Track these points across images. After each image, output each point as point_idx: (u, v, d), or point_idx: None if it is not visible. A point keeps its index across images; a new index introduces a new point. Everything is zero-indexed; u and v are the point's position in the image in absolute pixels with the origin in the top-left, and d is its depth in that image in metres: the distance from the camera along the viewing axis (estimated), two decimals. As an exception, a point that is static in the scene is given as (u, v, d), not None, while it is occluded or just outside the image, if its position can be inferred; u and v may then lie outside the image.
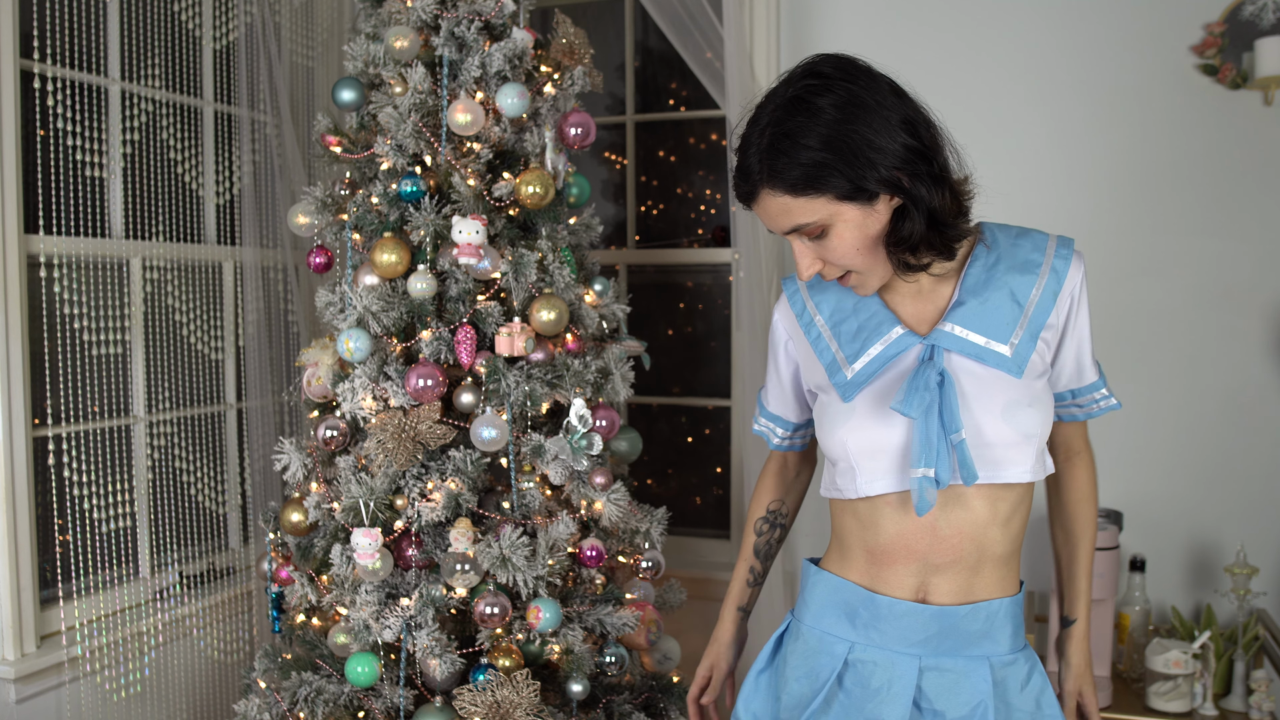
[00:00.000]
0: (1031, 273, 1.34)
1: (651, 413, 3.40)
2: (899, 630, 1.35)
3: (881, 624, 1.36)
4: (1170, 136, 2.52)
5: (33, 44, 2.20)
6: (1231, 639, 2.34)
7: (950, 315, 1.32)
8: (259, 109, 2.74)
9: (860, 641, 1.37)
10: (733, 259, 2.76)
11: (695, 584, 2.86)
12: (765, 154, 1.22)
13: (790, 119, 1.21)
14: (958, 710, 1.33)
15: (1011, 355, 1.30)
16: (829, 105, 1.20)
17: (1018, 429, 1.29)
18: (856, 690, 1.36)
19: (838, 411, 1.36)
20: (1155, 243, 2.55)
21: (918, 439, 1.26)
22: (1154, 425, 2.56)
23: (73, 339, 2.32)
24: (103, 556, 2.39)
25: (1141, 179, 2.55)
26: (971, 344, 1.31)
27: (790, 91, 1.23)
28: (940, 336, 1.31)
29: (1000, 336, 1.31)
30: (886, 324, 1.35)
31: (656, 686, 2.22)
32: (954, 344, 1.31)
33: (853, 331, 1.38)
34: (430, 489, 1.96)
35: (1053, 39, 2.56)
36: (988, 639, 1.35)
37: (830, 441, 1.37)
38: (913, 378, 1.28)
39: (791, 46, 2.81)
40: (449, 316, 2.04)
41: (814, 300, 1.45)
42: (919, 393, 1.26)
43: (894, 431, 1.31)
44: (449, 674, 1.91)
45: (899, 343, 1.33)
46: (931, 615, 1.33)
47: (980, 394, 1.29)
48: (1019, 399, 1.30)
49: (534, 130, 2.10)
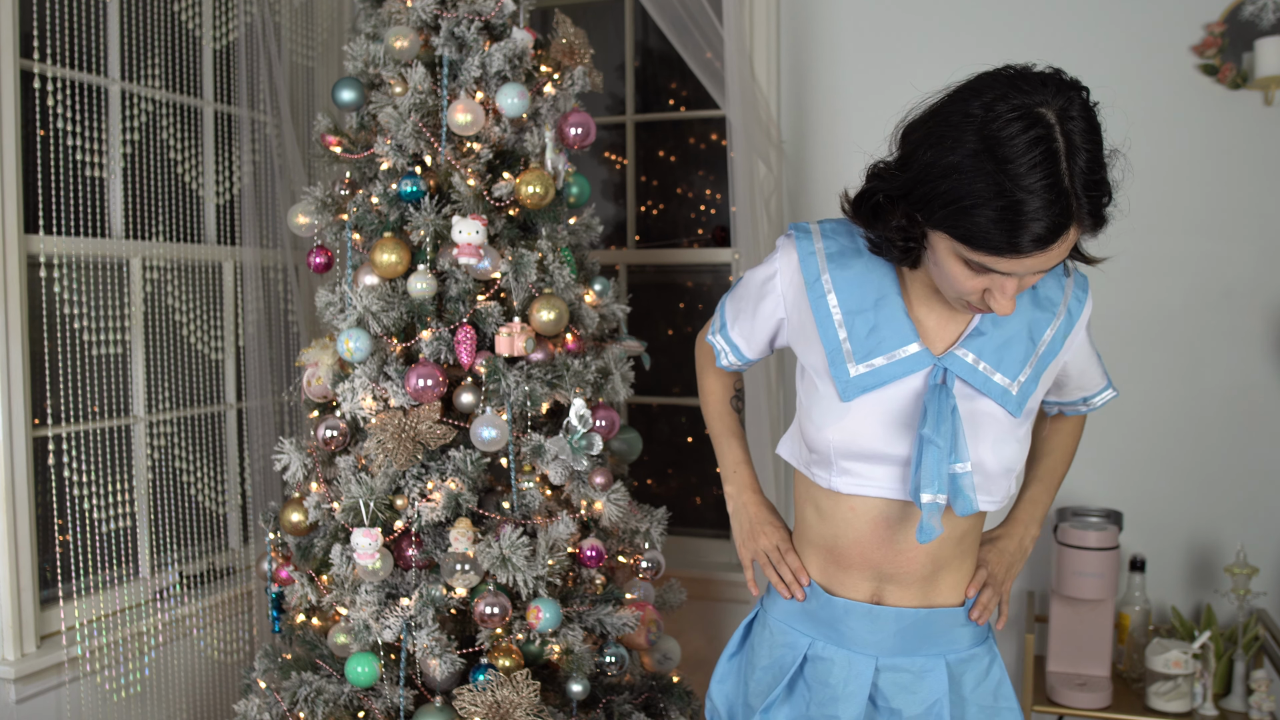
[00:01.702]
0: (1049, 311, 1.31)
1: (651, 413, 3.40)
2: (855, 631, 1.35)
3: (838, 624, 1.36)
4: (1170, 136, 2.52)
5: (33, 44, 2.20)
6: (1231, 639, 2.34)
7: (967, 341, 1.29)
8: (259, 109, 2.74)
9: (819, 638, 1.38)
10: (733, 259, 2.76)
11: (695, 584, 2.86)
12: (1089, 197, 1.08)
13: (1095, 146, 1.08)
14: (914, 709, 1.34)
15: (1015, 393, 1.28)
16: (1100, 131, 1.11)
17: (1001, 462, 1.28)
18: (816, 685, 1.37)
19: (831, 407, 1.31)
20: (1155, 243, 2.55)
21: (930, 464, 1.22)
22: (1154, 425, 2.56)
23: (73, 339, 2.32)
24: (103, 556, 2.39)
25: (1141, 179, 2.55)
26: (981, 375, 1.28)
27: (1080, 117, 1.08)
28: (952, 360, 1.28)
29: (1009, 372, 1.29)
30: (905, 337, 1.29)
31: (656, 686, 2.22)
32: (964, 371, 1.28)
33: (867, 329, 1.30)
34: (430, 489, 1.96)
35: (1053, 39, 2.56)
36: (945, 638, 1.35)
37: (814, 432, 1.32)
38: (936, 403, 1.24)
39: (791, 46, 2.81)
40: (449, 316, 2.04)
41: (831, 275, 1.33)
42: (945, 420, 1.23)
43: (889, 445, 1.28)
44: (449, 674, 1.91)
45: (910, 362, 1.28)
46: (888, 616, 1.33)
47: (975, 424, 1.27)
48: (1008, 434, 1.29)
49: (534, 130, 2.10)
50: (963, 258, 1.14)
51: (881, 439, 1.29)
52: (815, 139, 2.82)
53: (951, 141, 1.09)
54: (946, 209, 1.10)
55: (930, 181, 1.11)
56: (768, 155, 2.72)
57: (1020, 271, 1.12)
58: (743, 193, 2.58)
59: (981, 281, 1.15)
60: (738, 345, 1.49)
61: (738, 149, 2.59)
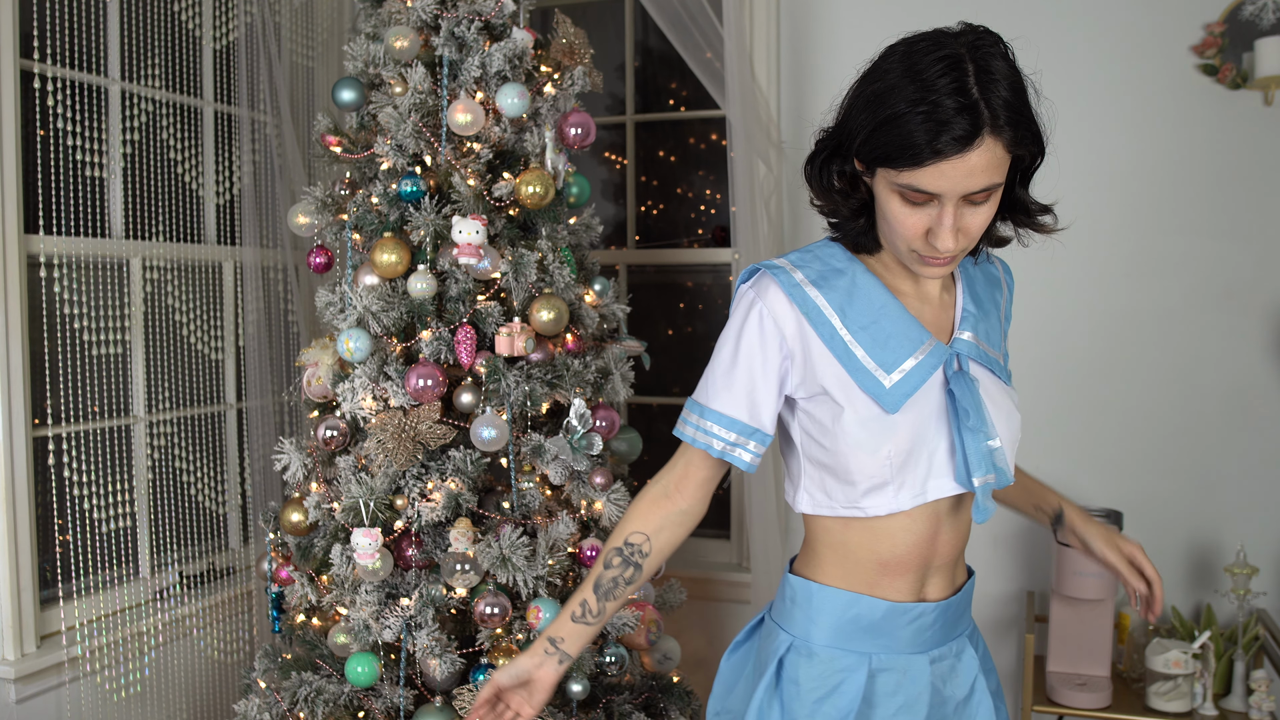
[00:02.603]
0: (997, 287, 1.43)
1: (651, 413, 3.40)
2: (909, 633, 1.35)
3: (895, 630, 1.35)
4: (1170, 136, 2.52)
5: (33, 44, 2.20)
6: (1231, 639, 2.34)
7: (964, 323, 1.34)
8: (259, 109, 2.74)
9: (877, 650, 1.34)
10: (733, 259, 2.76)
11: (695, 584, 2.86)
12: (1004, 103, 1.15)
13: (1015, 74, 1.19)
14: (961, 690, 1.39)
15: (1004, 364, 1.37)
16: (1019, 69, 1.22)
17: (1012, 433, 1.34)
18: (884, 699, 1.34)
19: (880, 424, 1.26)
20: (1155, 243, 2.55)
21: (974, 447, 1.26)
22: (1154, 425, 2.56)
23: (73, 339, 2.32)
24: (103, 556, 2.39)
25: (1141, 179, 2.55)
26: (982, 352, 1.34)
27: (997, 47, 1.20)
28: (960, 345, 1.33)
29: (995, 343, 1.38)
30: (919, 335, 1.29)
31: (656, 686, 2.22)
32: (972, 352, 1.33)
33: (882, 338, 1.28)
34: (430, 489, 1.96)
35: (1052, 39, 2.56)
36: (963, 617, 1.43)
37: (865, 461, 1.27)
38: (962, 387, 1.27)
39: (791, 46, 2.81)
40: (449, 316, 2.04)
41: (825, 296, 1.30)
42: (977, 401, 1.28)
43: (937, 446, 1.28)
44: (449, 674, 1.91)
45: (935, 354, 1.29)
46: (935, 611, 1.36)
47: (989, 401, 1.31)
48: (1012, 405, 1.35)
49: (534, 130, 2.10)
50: (899, 192, 1.19)
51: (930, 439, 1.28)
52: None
53: (877, 77, 1.22)
54: (874, 132, 1.19)
55: (860, 113, 1.22)
56: (768, 155, 2.72)
57: (948, 187, 1.16)
58: (743, 193, 2.58)
59: (922, 219, 1.20)
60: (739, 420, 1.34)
61: (738, 149, 2.59)
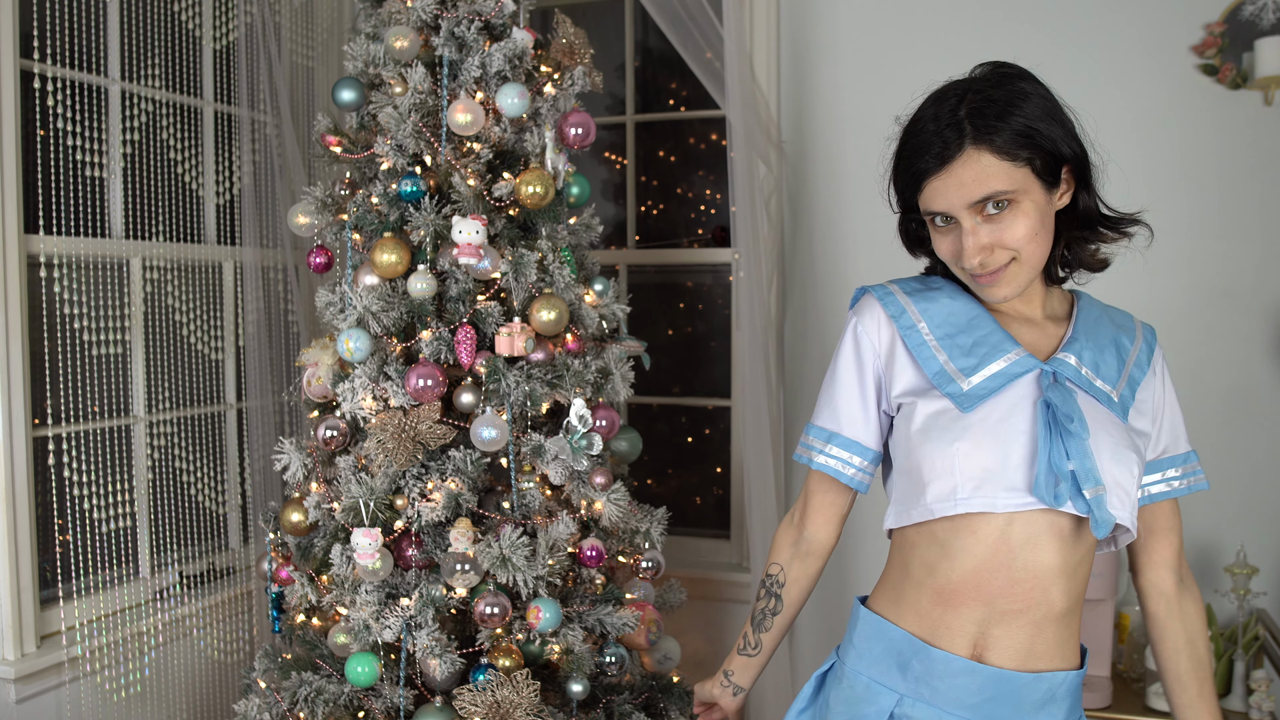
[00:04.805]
0: (1129, 333, 1.39)
1: (651, 413, 3.40)
2: (952, 689, 1.27)
3: (935, 680, 1.28)
4: (1170, 136, 2.52)
5: (33, 44, 2.20)
6: (1231, 639, 2.34)
7: (1068, 347, 1.33)
8: (259, 109, 2.74)
9: (909, 695, 1.30)
10: (733, 259, 2.76)
11: (695, 584, 2.86)
12: (972, 115, 1.22)
13: (998, 90, 1.23)
14: None
15: (1117, 400, 1.32)
16: (1031, 89, 1.25)
17: (1126, 470, 1.27)
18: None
19: (952, 422, 1.28)
20: (1155, 243, 2.54)
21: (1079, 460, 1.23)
22: (1154, 425, 2.56)
23: (73, 339, 2.32)
24: (103, 556, 2.39)
25: (1141, 179, 2.55)
26: (1086, 379, 1.31)
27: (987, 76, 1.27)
28: (1060, 365, 1.30)
29: (1109, 379, 1.33)
30: (1007, 343, 1.32)
31: (656, 686, 2.21)
32: (1072, 374, 1.30)
33: (967, 346, 1.32)
34: (430, 489, 1.96)
35: (1052, 39, 2.56)
36: (1044, 712, 1.28)
37: (939, 454, 1.28)
38: (1060, 397, 1.25)
39: (791, 46, 2.81)
40: (449, 316, 2.04)
41: (917, 306, 1.37)
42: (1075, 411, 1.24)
43: (1011, 449, 1.26)
44: (449, 674, 1.91)
45: (1022, 363, 1.30)
46: (991, 678, 1.25)
47: (1095, 429, 1.27)
48: (1124, 441, 1.29)
49: (534, 130, 2.10)
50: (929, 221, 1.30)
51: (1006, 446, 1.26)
52: (815, 139, 2.82)
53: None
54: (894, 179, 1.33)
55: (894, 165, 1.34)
56: (768, 155, 2.72)
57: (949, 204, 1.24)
58: (743, 193, 2.58)
59: (953, 241, 1.28)
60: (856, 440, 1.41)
61: (738, 149, 2.59)
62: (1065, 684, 1.28)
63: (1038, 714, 1.27)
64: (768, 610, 1.50)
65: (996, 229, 1.24)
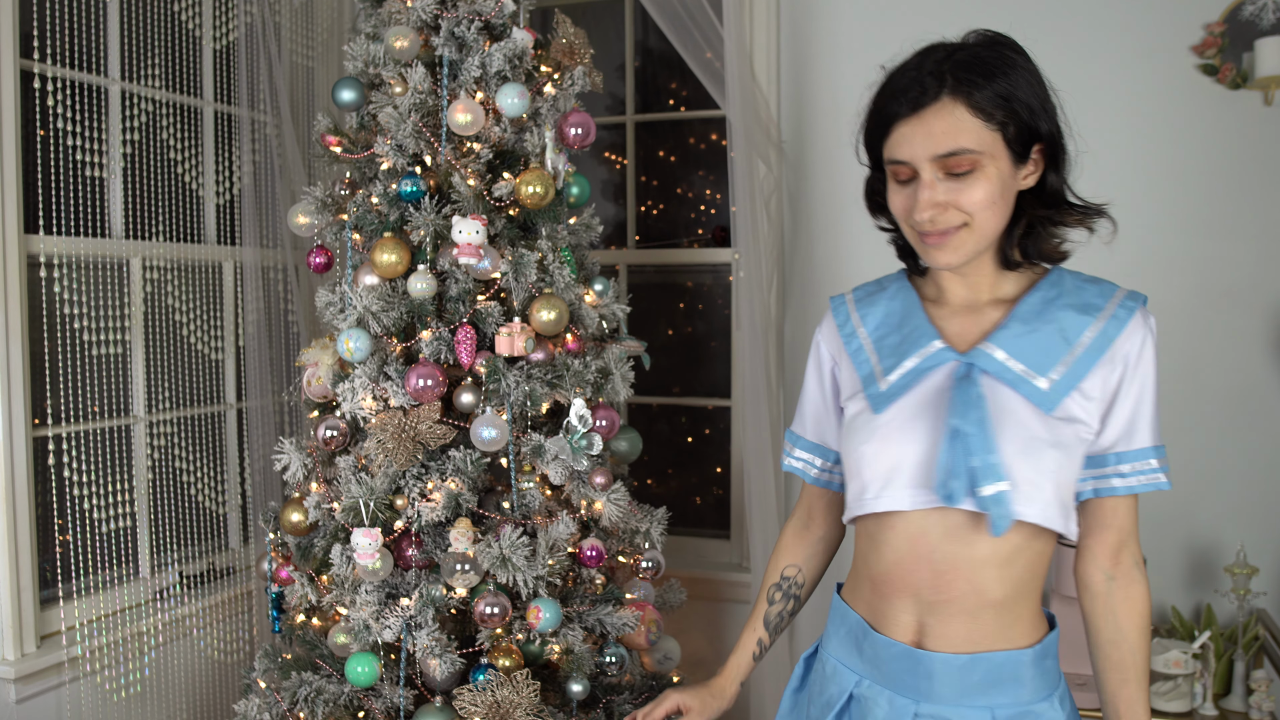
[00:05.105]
0: (1089, 315, 1.28)
1: (651, 413, 3.40)
2: (896, 672, 1.30)
3: (881, 663, 1.32)
4: (1170, 136, 2.52)
5: (33, 44, 2.20)
6: (1231, 639, 2.34)
7: (993, 337, 1.28)
8: (259, 109, 2.74)
9: (866, 676, 1.34)
10: (733, 259, 2.76)
11: (695, 584, 2.86)
12: (956, 67, 1.21)
13: (988, 51, 1.23)
14: None
15: (1048, 390, 1.24)
16: (1021, 60, 1.24)
17: (1036, 466, 1.22)
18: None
19: (865, 423, 1.32)
20: (1155, 243, 2.55)
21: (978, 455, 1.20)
22: (1154, 425, 2.56)
23: (73, 339, 2.32)
24: (103, 556, 2.39)
25: (1141, 179, 2.55)
26: (1009, 370, 1.25)
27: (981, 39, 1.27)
28: (979, 356, 1.27)
29: (1039, 369, 1.25)
30: (926, 337, 1.31)
31: (657, 686, 2.21)
32: (991, 366, 1.26)
33: (894, 345, 1.34)
34: (430, 489, 1.96)
35: (1052, 39, 2.56)
36: (994, 691, 1.27)
37: (853, 455, 1.32)
38: (961, 392, 1.23)
39: (791, 46, 2.81)
40: (449, 316, 2.04)
41: (859, 312, 1.42)
42: (973, 408, 1.21)
43: (917, 447, 1.27)
44: (449, 674, 1.91)
45: (935, 357, 1.29)
46: (927, 662, 1.27)
47: (1004, 423, 1.23)
48: (1043, 437, 1.23)
49: (534, 130, 2.10)
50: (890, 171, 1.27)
51: (908, 446, 1.27)
52: (815, 139, 2.82)
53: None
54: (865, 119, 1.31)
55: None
56: (768, 155, 2.72)
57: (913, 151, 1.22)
58: (743, 193, 2.58)
59: (907, 194, 1.26)
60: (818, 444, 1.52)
61: (738, 149, 2.59)
62: (1009, 663, 1.27)
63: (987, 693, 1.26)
64: (785, 613, 1.56)
65: (955, 188, 1.21)
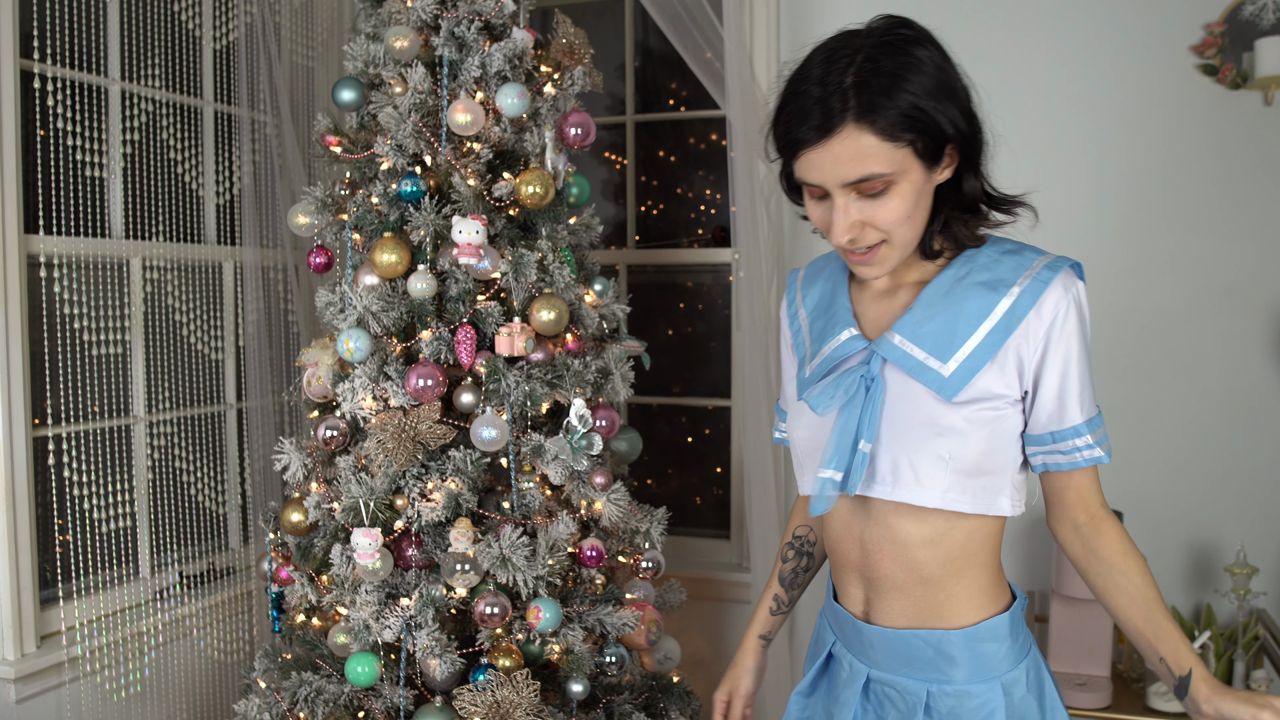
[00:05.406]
0: (998, 291, 1.24)
1: (651, 413, 3.40)
2: (851, 639, 1.39)
3: (843, 630, 1.41)
4: (1170, 136, 2.52)
5: (33, 44, 2.20)
6: (1231, 639, 2.34)
7: (897, 325, 1.27)
8: (259, 109, 2.74)
9: (839, 639, 1.43)
10: (733, 259, 2.76)
11: (695, 584, 2.86)
12: (859, 88, 1.13)
13: (890, 59, 1.15)
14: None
15: (949, 376, 1.23)
16: (927, 58, 1.17)
17: (932, 451, 1.22)
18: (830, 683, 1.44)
19: (795, 407, 1.40)
20: (1155, 243, 2.55)
21: (832, 440, 1.27)
22: (1154, 425, 2.56)
23: (73, 339, 2.32)
24: (103, 556, 2.39)
25: (1141, 179, 2.55)
26: (910, 357, 1.25)
27: (883, 38, 1.17)
28: (883, 345, 1.28)
29: (941, 354, 1.23)
30: (840, 325, 1.34)
31: (657, 686, 2.21)
32: (892, 354, 1.26)
33: (820, 329, 1.39)
34: (430, 489, 1.96)
35: (1052, 40, 2.56)
36: (926, 667, 1.29)
37: (790, 437, 1.41)
38: (838, 378, 1.28)
39: (792, 46, 2.81)
40: (449, 316, 2.04)
41: (804, 291, 1.46)
42: (834, 393, 1.27)
43: (824, 436, 1.30)
44: (449, 674, 1.91)
45: (846, 346, 1.32)
46: (874, 635, 1.33)
47: (903, 409, 1.25)
48: (942, 422, 1.23)
49: (534, 130, 2.10)
50: (803, 185, 1.23)
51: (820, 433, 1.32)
52: (815, 139, 2.81)
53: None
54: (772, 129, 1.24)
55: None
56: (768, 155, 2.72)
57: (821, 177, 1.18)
58: (743, 193, 2.58)
59: (823, 210, 1.23)
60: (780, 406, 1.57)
61: (738, 149, 2.59)
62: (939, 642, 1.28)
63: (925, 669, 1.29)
64: (800, 569, 1.60)
65: (869, 207, 1.19)
